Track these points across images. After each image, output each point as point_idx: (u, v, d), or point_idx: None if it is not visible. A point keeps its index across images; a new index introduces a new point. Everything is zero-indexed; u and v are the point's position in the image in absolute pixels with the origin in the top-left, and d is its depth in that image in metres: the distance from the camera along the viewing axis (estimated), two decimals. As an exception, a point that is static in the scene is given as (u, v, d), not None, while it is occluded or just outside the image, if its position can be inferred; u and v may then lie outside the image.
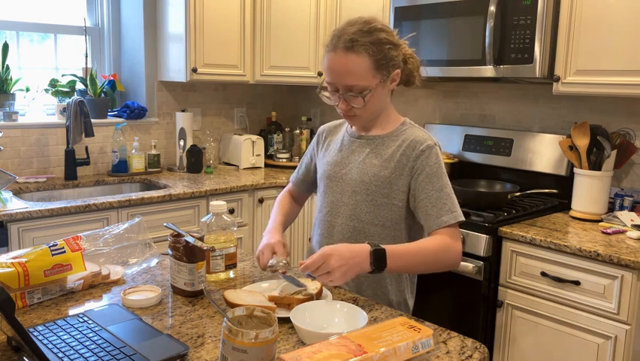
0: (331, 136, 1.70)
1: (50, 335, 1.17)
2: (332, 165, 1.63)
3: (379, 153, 1.55)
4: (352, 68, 1.45)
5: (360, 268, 1.33)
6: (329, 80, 1.50)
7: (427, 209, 1.47)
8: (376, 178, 1.53)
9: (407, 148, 1.52)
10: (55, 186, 2.85)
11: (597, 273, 1.97)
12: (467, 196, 2.46)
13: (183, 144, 3.31)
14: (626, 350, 1.93)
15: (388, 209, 1.53)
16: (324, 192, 1.64)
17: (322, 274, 1.30)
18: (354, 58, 1.44)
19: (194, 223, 2.83)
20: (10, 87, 2.88)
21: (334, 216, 1.61)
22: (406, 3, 2.74)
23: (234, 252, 1.58)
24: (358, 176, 1.55)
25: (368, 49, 1.44)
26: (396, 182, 1.52)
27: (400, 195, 1.52)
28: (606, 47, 2.20)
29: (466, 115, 3.07)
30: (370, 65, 1.45)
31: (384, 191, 1.52)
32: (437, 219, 1.46)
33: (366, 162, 1.56)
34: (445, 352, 1.17)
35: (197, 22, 3.08)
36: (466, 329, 2.19)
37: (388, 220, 1.54)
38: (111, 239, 1.58)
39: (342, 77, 1.46)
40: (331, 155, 1.65)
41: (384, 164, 1.53)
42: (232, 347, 0.97)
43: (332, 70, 1.48)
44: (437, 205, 1.46)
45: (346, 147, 1.62)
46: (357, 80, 1.46)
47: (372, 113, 1.55)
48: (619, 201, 2.40)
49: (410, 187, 1.52)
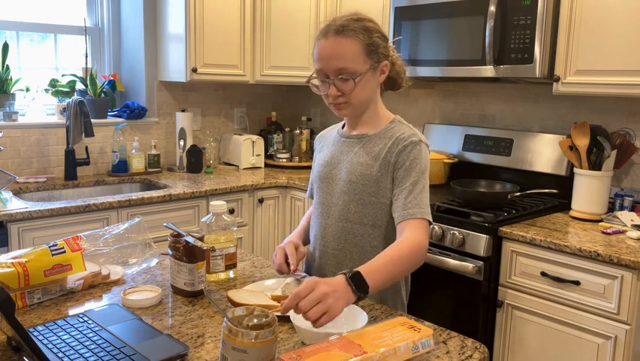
0: (324, 141, 1.71)
1: (50, 335, 1.17)
2: (323, 165, 1.63)
3: (367, 151, 1.54)
4: (343, 51, 1.46)
5: (345, 301, 1.19)
6: (319, 66, 1.50)
7: (398, 200, 1.46)
8: (363, 177, 1.52)
9: (392, 145, 1.51)
10: (55, 186, 2.85)
11: (597, 273, 1.97)
12: (467, 196, 2.46)
13: (183, 144, 3.31)
14: (626, 350, 1.93)
15: (377, 208, 1.52)
16: (317, 194, 1.65)
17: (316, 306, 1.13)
18: (345, 41, 1.46)
19: (194, 223, 2.83)
20: (10, 87, 2.88)
21: (326, 217, 1.60)
22: (405, 3, 2.74)
23: (234, 252, 1.58)
24: (346, 176, 1.55)
25: (358, 33, 1.46)
26: (382, 180, 1.50)
27: (388, 194, 1.50)
28: (606, 47, 2.20)
29: (466, 115, 3.07)
30: (361, 49, 1.46)
31: (371, 190, 1.51)
32: (404, 211, 1.44)
33: (354, 161, 1.55)
34: (445, 352, 1.17)
35: (197, 22, 3.08)
36: (466, 329, 2.19)
37: (378, 220, 1.52)
38: (111, 239, 1.58)
39: (333, 60, 1.46)
40: (322, 157, 1.65)
41: (371, 162, 1.52)
42: (232, 347, 0.97)
43: (323, 55, 1.48)
44: (408, 197, 1.44)
45: (336, 147, 1.62)
46: (348, 63, 1.46)
47: (361, 103, 1.53)
48: (619, 201, 2.40)
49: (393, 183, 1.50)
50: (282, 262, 1.54)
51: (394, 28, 2.79)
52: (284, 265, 1.53)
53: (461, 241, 2.25)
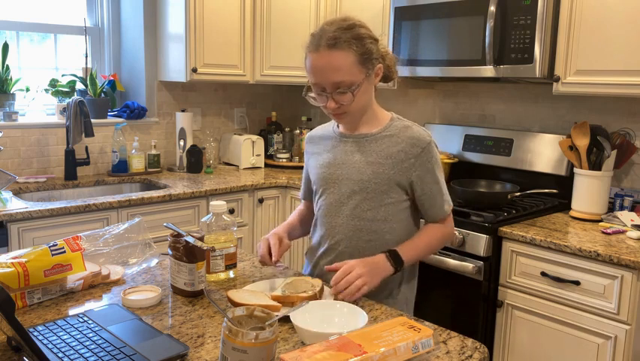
0: (318, 141, 1.71)
1: (50, 335, 1.17)
2: (325, 167, 1.63)
3: (374, 150, 1.56)
4: (338, 65, 1.45)
5: (384, 272, 1.48)
6: (315, 80, 1.50)
7: (430, 200, 1.58)
8: (375, 176, 1.54)
9: (406, 145, 1.54)
10: (55, 186, 2.85)
11: (597, 273, 1.97)
12: (467, 196, 2.46)
13: (183, 144, 3.31)
14: (626, 350, 1.93)
15: (390, 205, 1.56)
16: (322, 195, 1.64)
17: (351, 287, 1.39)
18: (339, 54, 1.45)
19: (194, 223, 2.83)
20: (10, 87, 2.88)
21: (334, 217, 1.61)
22: (405, 3, 2.74)
23: (234, 252, 1.58)
24: (356, 175, 1.56)
25: (351, 44, 1.46)
26: (396, 178, 1.54)
27: (400, 190, 1.56)
28: (606, 47, 2.20)
29: (466, 115, 3.07)
30: (355, 60, 1.47)
31: (383, 188, 1.54)
32: (440, 210, 1.59)
33: (362, 161, 1.56)
34: (445, 352, 1.17)
35: (197, 22, 3.08)
36: (466, 329, 2.19)
37: (390, 215, 1.57)
38: (111, 239, 1.58)
39: (329, 75, 1.47)
40: (322, 157, 1.65)
41: (382, 161, 1.54)
42: (232, 347, 0.97)
43: (318, 70, 1.48)
44: (438, 198, 1.58)
45: (337, 148, 1.62)
46: (345, 76, 1.46)
47: (360, 109, 1.55)
48: (619, 201, 2.40)
49: (411, 181, 1.56)
50: (265, 253, 1.57)
51: (394, 28, 2.79)
52: (267, 257, 1.56)
53: (461, 241, 2.25)
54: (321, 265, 1.65)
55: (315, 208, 1.69)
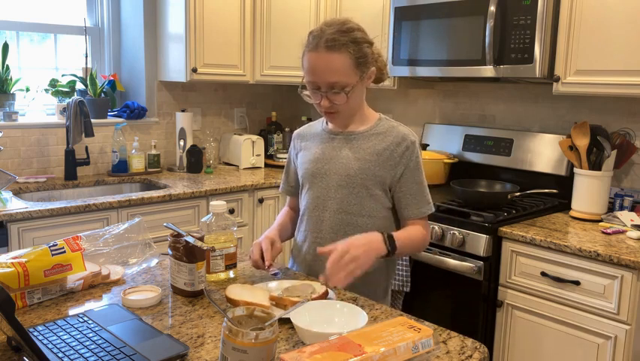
0: (306, 138, 1.75)
1: (50, 335, 1.17)
2: (314, 162, 1.67)
3: (362, 147, 1.61)
4: (335, 66, 1.50)
5: (377, 252, 1.47)
6: (310, 79, 1.55)
7: (408, 200, 1.60)
8: (361, 171, 1.59)
9: (391, 143, 1.60)
10: (55, 186, 2.85)
11: (597, 273, 1.97)
12: (467, 196, 2.46)
13: (183, 144, 3.31)
14: (626, 350, 1.93)
15: (374, 200, 1.60)
16: (309, 189, 1.68)
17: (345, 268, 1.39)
18: (336, 56, 1.50)
19: (194, 223, 2.83)
20: (10, 87, 2.88)
21: (321, 210, 1.65)
22: (405, 3, 2.74)
23: (234, 252, 1.59)
24: (343, 170, 1.61)
25: (349, 47, 1.51)
26: (380, 174, 1.59)
27: (385, 187, 1.61)
28: (606, 47, 2.20)
29: (466, 115, 3.07)
30: (351, 63, 1.52)
31: (368, 183, 1.59)
32: (417, 210, 1.60)
33: (350, 157, 1.61)
34: (445, 352, 1.17)
35: (197, 22, 3.08)
36: (466, 329, 2.19)
37: (374, 210, 1.61)
38: (111, 239, 1.58)
39: (325, 75, 1.52)
40: (311, 153, 1.69)
41: (369, 157, 1.60)
42: (232, 347, 0.97)
43: (314, 69, 1.53)
44: (417, 197, 1.60)
45: (326, 144, 1.67)
46: (340, 78, 1.52)
47: (352, 109, 1.61)
48: (619, 201, 2.40)
49: (394, 179, 1.60)
50: (258, 258, 1.58)
51: (394, 28, 2.79)
52: (259, 261, 1.58)
53: (461, 241, 2.25)
54: (307, 259, 1.68)
55: (302, 203, 1.72)
